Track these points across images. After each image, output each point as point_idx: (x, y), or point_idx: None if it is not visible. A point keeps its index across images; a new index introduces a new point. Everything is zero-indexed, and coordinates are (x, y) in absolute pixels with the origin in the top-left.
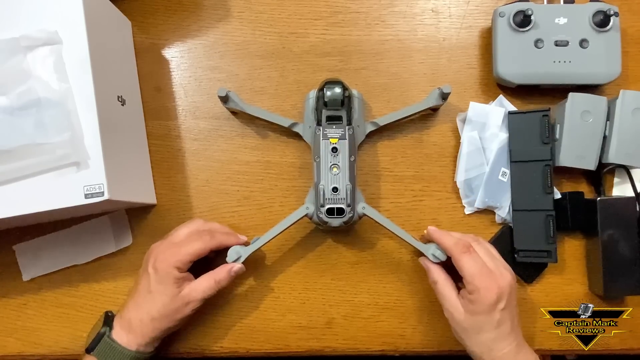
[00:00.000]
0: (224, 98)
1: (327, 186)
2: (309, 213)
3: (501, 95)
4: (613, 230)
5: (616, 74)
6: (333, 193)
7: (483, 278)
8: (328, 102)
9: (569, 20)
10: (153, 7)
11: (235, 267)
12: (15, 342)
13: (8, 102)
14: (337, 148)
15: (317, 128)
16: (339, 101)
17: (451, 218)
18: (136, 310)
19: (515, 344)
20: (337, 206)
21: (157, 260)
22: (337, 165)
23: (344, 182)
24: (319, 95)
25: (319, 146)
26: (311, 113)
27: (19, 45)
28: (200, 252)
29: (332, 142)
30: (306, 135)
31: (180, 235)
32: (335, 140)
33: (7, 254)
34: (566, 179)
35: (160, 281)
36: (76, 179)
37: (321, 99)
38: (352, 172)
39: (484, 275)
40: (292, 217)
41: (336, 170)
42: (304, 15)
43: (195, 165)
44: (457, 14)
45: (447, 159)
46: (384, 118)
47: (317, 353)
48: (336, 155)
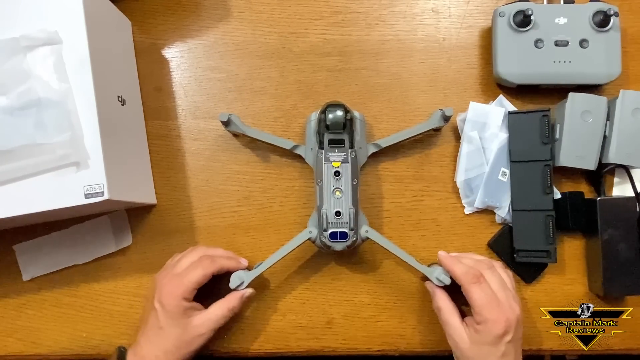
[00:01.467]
0: (226, 122)
1: (330, 210)
2: (312, 237)
3: (501, 95)
4: (613, 230)
5: (616, 74)
6: (336, 217)
7: (492, 309)
8: (330, 125)
9: (569, 20)
10: (153, 7)
11: (247, 292)
12: (15, 342)
13: (8, 102)
14: (339, 172)
15: (319, 151)
16: (341, 124)
17: (451, 218)
18: (149, 346)
19: None
20: (341, 230)
21: (162, 294)
22: (340, 189)
23: (347, 206)
24: (320, 118)
25: (322, 170)
26: (313, 135)
27: (19, 45)
28: (202, 278)
29: (335, 166)
30: (308, 157)
31: (182, 265)
32: (338, 164)
33: (7, 254)
34: (566, 179)
35: (169, 315)
36: (76, 179)
37: (323, 121)
38: (355, 195)
39: (494, 307)
40: (294, 241)
41: (339, 194)
42: (304, 15)
43: (195, 165)
44: (457, 14)
45: (447, 159)
46: (386, 140)
47: (317, 353)
48: (339, 179)
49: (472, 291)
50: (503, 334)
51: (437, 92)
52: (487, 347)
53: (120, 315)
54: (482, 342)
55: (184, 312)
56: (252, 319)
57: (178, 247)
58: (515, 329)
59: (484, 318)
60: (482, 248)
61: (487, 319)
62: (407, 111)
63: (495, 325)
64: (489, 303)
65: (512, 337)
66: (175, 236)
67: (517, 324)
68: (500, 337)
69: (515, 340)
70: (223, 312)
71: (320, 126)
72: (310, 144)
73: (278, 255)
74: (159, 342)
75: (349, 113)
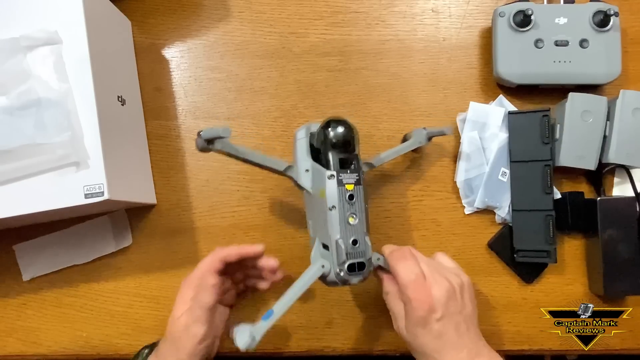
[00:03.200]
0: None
1: (346, 239)
2: (325, 272)
3: (501, 95)
4: (613, 230)
5: (616, 74)
6: (353, 247)
7: (416, 288)
8: (336, 143)
9: (569, 20)
10: (153, 7)
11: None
12: (15, 342)
13: (8, 102)
14: (353, 195)
15: (328, 173)
16: (349, 142)
17: (451, 218)
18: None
19: (466, 352)
20: (359, 261)
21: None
22: (355, 215)
23: (362, 232)
24: (323, 134)
25: (335, 194)
26: (306, 154)
27: (19, 45)
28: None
29: (349, 189)
30: (303, 179)
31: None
32: (352, 186)
33: (7, 254)
34: (566, 179)
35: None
36: (76, 179)
37: (327, 139)
38: (368, 220)
39: (418, 285)
40: (304, 281)
41: (353, 220)
42: (304, 15)
43: (195, 165)
44: (457, 14)
45: (447, 159)
46: (378, 159)
47: (317, 353)
48: (353, 203)
49: (397, 268)
50: (428, 313)
51: (437, 92)
52: (418, 330)
53: (120, 315)
54: (413, 324)
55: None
56: (252, 319)
57: (178, 247)
58: (445, 304)
59: (408, 298)
60: (482, 248)
61: (410, 299)
62: (407, 111)
63: (418, 305)
64: (414, 281)
65: (443, 314)
66: (175, 236)
67: (447, 300)
68: (426, 317)
69: (449, 316)
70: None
71: (326, 144)
72: (304, 164)
73: (289, 301)
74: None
75: (355, 129)
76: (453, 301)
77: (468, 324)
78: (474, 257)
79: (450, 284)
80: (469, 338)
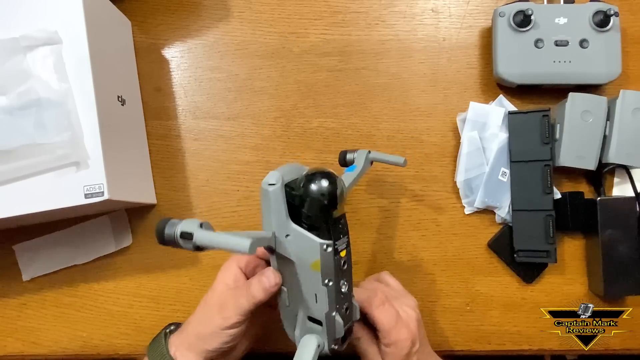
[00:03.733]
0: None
1: (341, 311)
2: (322, 350)
3: (501, 95)
4: (613, 230)
5: (616, 74)
6: (346, 314)
7: (399, 330)
8: (329, 204)
9: (569, 20)
10: (153, 7)
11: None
12: (15, 342)
13: (8, 102)
14: (346, 261)
15: (324, 244)
16: (341, 197)
17: (451, 218)
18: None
19: None
20: (349, 326)
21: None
22: (346, 283)
23: (351, 296)
24: (308, 193)
25: (332, 267)
26: (284, 214)
27: (19, 45)
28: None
29: (342, 256)
30: (285, 247)
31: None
32: (344, 252)
33: (7, 254)
34: (566, 179)
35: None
36: (76, 179)
37: (315, 200)
38: (352, 282)
39: (401, 327)
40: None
41: (345, 288)
42: (304, 15)
43: (195, 165)
44: (457, 14)
45: (447, 159)
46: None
47: None
48: (345, 270)
49: (379, 317)
50: (411, 348)
51: (437, 92)
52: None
53: (120, 315)
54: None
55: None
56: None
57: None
58: (419, 332)
59: (392, 340)
60: (482, 248)
61: (396, 341)
62: (407, 111)
63: (404, 344)
64: (396, 324)
65: (420, 343)
66: None
67: (419, 326)
68: (409, 354)
69: (422, 342)
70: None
71: (312, 205)
72: (283, 229)
73: None
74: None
75: (340, 179)
76: (421, 327)
77: (426, 341)
78: (474, 257)
79: (415, 312)
80: (430, 352)
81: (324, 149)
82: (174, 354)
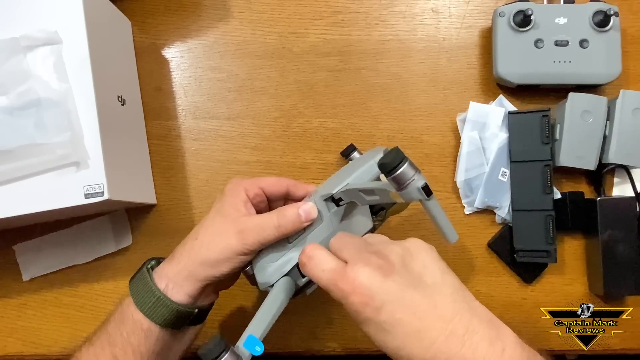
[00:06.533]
0: None
1: None
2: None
3: (501, 95)
4: (613, 230)
5: (616, 74)
6: None
7: (337, 283)
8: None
9: (569, 20)
10: (153, 7)
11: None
12: (15, 342)
13: (8, 102)
14: None
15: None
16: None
17: (451, 218)
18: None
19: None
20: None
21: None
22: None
23: None
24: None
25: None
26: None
27: (19, 45)
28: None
29: None
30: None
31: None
32: None
33: (7, 254)
34: (566, 179)
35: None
36: (76, 179)
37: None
38: None
39: (338, 278)
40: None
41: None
42: (304, 15)
43: (195, 165)
44: (457, 14)
45: (447, 159)
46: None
47: (317, 353)
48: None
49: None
50: (363, 307)
51: (437, 92)
52: (370, 333)
53: None
54: (362, 328)
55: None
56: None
57: None
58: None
59: (338, 299)
60: (482, 248)
61: (339, 298)
62: (407, 111)
63: (352, 300)
64: (332, 278)
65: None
66: (175, 236)
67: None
68: (363, 312)
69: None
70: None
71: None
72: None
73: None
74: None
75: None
76: (396, 277)
77: (438, 298)
78: (474, 257)
79: (384, 259)
80: (442, 314)
81: (324, 149)
82: (165, 289)
